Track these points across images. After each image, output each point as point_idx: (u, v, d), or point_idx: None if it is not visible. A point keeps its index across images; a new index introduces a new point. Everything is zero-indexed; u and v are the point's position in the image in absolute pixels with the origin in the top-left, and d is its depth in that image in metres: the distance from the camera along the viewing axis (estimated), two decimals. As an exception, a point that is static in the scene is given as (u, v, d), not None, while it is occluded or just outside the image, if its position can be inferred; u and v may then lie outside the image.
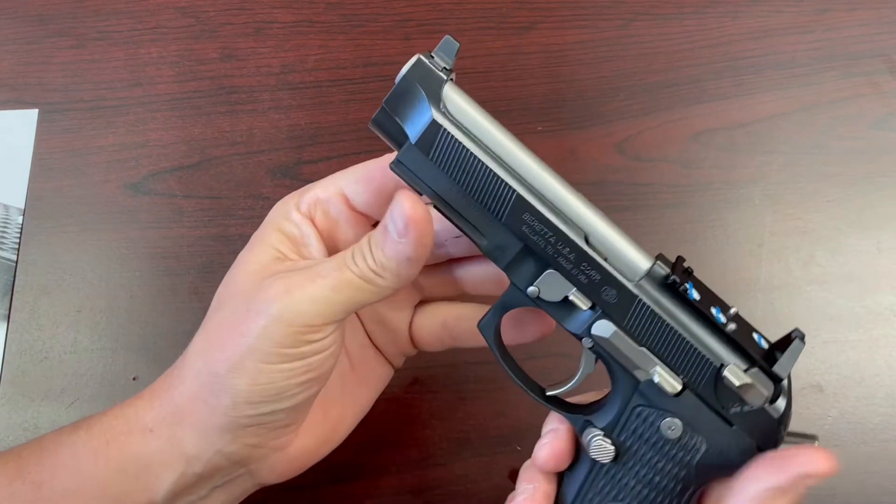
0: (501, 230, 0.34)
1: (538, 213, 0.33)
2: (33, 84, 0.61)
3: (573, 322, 0.35)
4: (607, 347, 0.34)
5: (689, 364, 0.33)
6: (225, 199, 0.57)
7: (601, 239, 0.34)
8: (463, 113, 0.33)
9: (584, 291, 0.34)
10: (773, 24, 0.61)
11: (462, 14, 0.62)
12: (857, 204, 0.56)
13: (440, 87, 0.33)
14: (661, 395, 0.34)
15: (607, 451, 0.35)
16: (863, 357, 0.52)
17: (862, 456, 0.49)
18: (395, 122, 0.34)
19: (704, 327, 0.34)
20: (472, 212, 0.34)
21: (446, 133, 0.33)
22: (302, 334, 0.35)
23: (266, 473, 0.40)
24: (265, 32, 0.62)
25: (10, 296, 0.55)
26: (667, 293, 0.34)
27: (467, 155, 0.33)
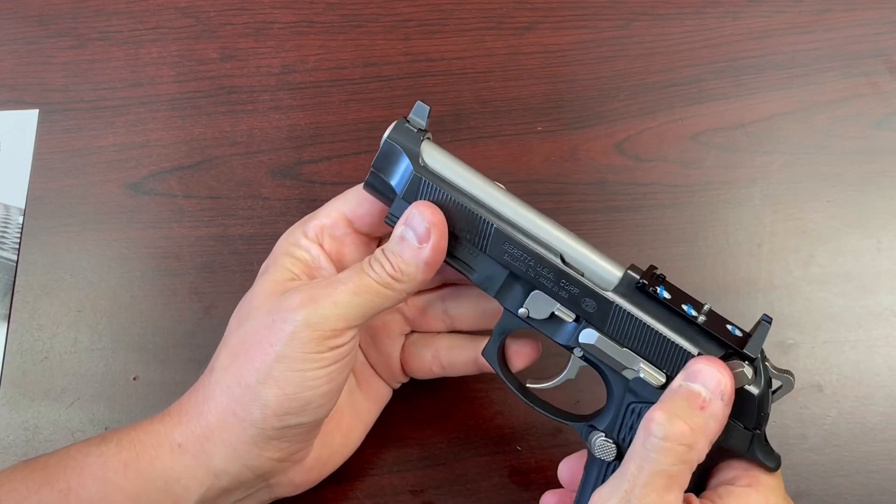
0: (487, 262, 0.39)
1: (516, 241, 0.38)
2: (34, 84, 0.61)
3: (562, 335, 0.39)
4: (595, 353, 0.38)
5: (668, 356, 0.37)
6: (225, 199, 0.57)
7: (575, 257, 0.38)
8: (439, 164, 0.39)
9: (566, 305, 0.38)
10: (773, 24, 0.61)
11: (462, 14, 0.62)
12: (857, 204, 0.56)
13: (417, 145, 0.39)
14: (648, 388, 0.37)
15: (609, 449, 0.38)
16: (862, 357, 0.52)
17: (862, 456, 0.49)
18: (382, 180, 0.39)
19: (678, 322, 0.37)
20: (460, 250, 0.39)
21: (426, 183, 0.38)
22: (327, 339, 0.37)
23: (285, 486, 0.42)
24: (265, 32, 0.62)
25: (10, 296, 0.55)
26: (640, 296, 0.37)
27: (448, 199, 0.38)
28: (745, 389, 0.36)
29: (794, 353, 0.52)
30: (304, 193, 0.57)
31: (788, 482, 0.49)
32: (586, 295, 0.37)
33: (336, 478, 0.48)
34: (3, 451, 0.52)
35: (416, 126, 0.39)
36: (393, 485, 0.50)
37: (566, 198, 0.57)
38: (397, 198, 0.39)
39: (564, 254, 0.38)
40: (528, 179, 0.57)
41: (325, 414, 0.40)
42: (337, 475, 0.48)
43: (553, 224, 0.39)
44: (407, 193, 0.39)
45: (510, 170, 0.57)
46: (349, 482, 0.50)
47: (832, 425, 0.50)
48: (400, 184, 0.39)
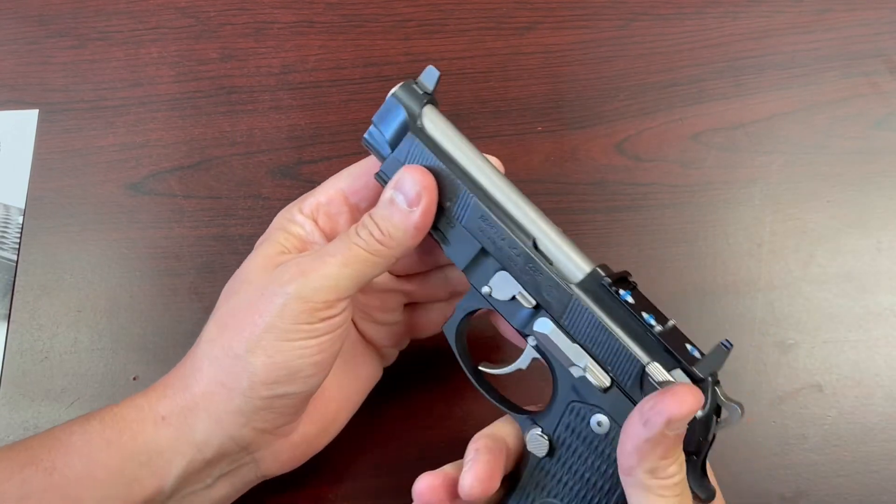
0: (463, 234, 0.39)
1: (491, 218, 0.38)
2: (33, 84, 0.61)
3: (519, 319, 0.38)
4: (547, 344, 0.37)
5: (617, 361, 0.36)
6: (225, 199, 0.57)
7: (548, 245, 0.38)
8: (436, 129, 0.39)
9: (529, 291, 0.38)
10: (773, 24, 0.61)
11: (462, 14, 0.62)
12: (857, 204, 0.56)
13: (419, 107, 0.40)
14: (591, 390, 0.36)
15: (542, 445, 0.37)
16: (862, 357, 0.52)
17: (862, 456, 0.49)
18: (380, 134, 0.40)
19: (635, 329, 0.36)
20: (440, 218, 0.39)
21: (418, 144, 0.39)
22: (317, 310, 0.37)
23: (270, 462, 0.42)
24: (265, 32, 0.62)
25: (10, 296, 0.55)
26: (602, 296, 0.37)
27: (435, 165, 0.39)
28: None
29: (794, 353, 0.52)
30: (304, 193, 0.57)
31: (788, 482, 0.49)
32: (549, 284, 0.37)
33: (336, 478, 0.48)
34: (3, 451, 0.52)
35: (423, 89, 0.40)
36: (393, 485, 0.50)
37: (566, 198, 0.57)
38: (390, 156, 0.40)
39: (538, 240, 0.38)
40: (528, 179, 0.57)
41: (314, 385, 0.39)
42: (337, 475, 0.48)
43: (535, 210, 0.38)
44: (398, 152, 0.39)
45: (510, 170, 0.57)
46: (349, 482, 0.50)
47: (832, 425, 0.50)
48: (395, 142, 0.40)
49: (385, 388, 0.52)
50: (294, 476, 0.51)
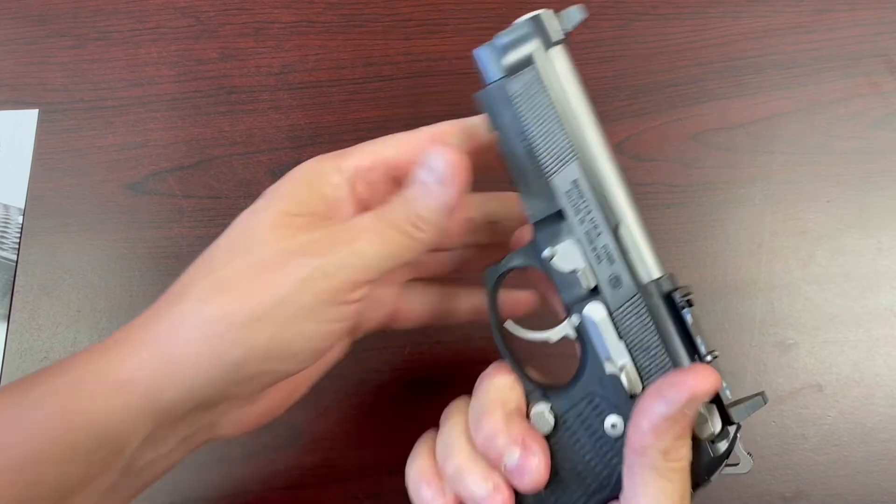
0: (546, 188, 0.36)
1: (584, 186, 0.35)
2: (33, 84, 0.61)
3: (570, 295, 0.36)
4: (590, 330, 0.35)
5: (657, 373, 0.34)
6: (225, 199, 0.57)
7: (628, 234, 0.35)
8: (559, 73, 0.36)
9: (593, 271, 0.35)
10: (773, 24, 0.61)
11: (462, 14, 0.62)
12: (857, 204, 0.56)
13: (550, 44, 0.36)
14: (618, 391, 0.35)
15: (547, 423, 0.36)
16: (862, 357, 0.52)
17: (862, 456, 0.49)
18: (497, 56, 0.36)
19: (684, 349, 0.34)
20: (528, 162, 0.36)
21: (539, 83, 0.35)
22: (342, 291, 0.33)
23: (228, 426, 0.38)
24: (265, 32, 0.62)
25: (10, 296, 0.55)
26: (664, 305, 0.35)
27: (547, 109, 0.35)
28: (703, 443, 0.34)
29: (794, 353, 0.52)
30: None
31: (788, 482, 0.49)
32: (617, 273, 0.35)
33: (336, 478, 0.48)
34: (2, 452, 0.52)
35: (559, 27, 0.36)
36: (393, 485, 0.50)
37: (566, 198, 0.56)
38: (499, 80, 0.36)
39: (622, 224, 0.35)
40: (528, 179, 0.57)
41: (305, 367, 0.36)
42: (337, 475, 0.48)
43: (628, 196, 0.36)
44: (513, 82, 0.36)
45: (510, 170, 0.57)
46: (349, 482, 0.50)
47: (832, 425, 0.50)
48: (512, 70, 0.36)
49: (385, 388, 0.52)
50: (294, 476, 0.51)
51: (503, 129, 0.36)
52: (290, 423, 0.52)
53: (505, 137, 0.36)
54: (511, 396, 0.36)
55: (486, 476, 0.35)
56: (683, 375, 0.31)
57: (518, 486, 0.34)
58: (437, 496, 0.35)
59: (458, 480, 0.35)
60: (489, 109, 0.37)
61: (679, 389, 0.31)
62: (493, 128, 0.37)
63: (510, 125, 0.36)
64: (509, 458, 0.34)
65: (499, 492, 0.34)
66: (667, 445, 0.31)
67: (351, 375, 0.53)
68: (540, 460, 0.34)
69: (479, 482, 0.34)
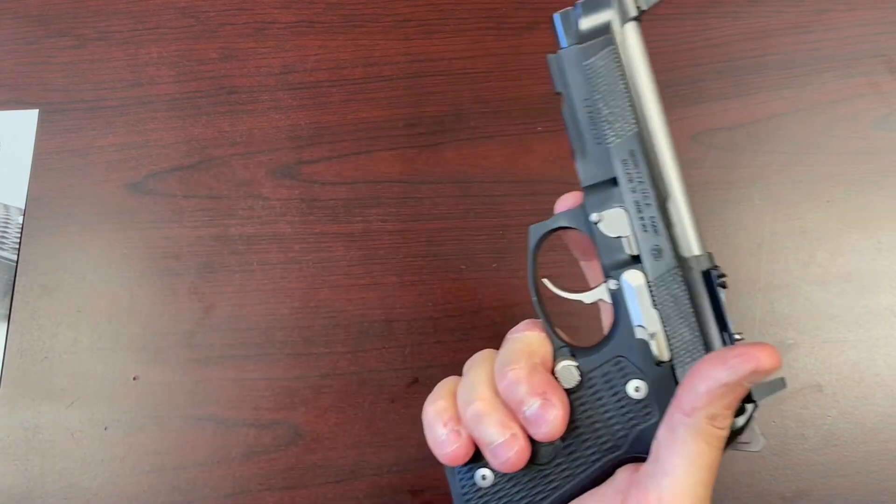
0: (603, 155, 0.37)
1: (640, 157, 0.37)
2: (33, 84, 0.61)
3: (611, 260, 0.37)
4: (627, 296, 0.37)
5: (684, 345, 0.35)
6: (225, 199, 0.57)
7: (675, 209, 0.37)
8: (631, 47, 0.38)
9: (637, 240, 0.37)
10: (773, 24, 0.61)
11: (462, 14, 0.62)
12: (857, 204, 0.56)
13: (627, 17, 0.38)
14: (646, 356, 0.36)
15: (572, 378, 0.36)
16: (862, 357, 0.52)
17: (861, 456, 0.49)
18: (576, 21, 0.38)
19: (715, 325, 0.35)
20: (589, 127, 0.38)
21: (612, 51, 0.37)
22: None
23: None
24: (265, 32, 0.62)
25: (10, 296, 0.55)
26: (701, 281, 0.36)
27: (616, 79, 0.37)
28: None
29: (794, 353, 0.52)
30: (304, 193, 0.57)
31: (788, 482, 0.49)
32: (661, 244, 0.36)
33: (336, 478, 0.48)
34: (3, 451, 0.52)
35: (637, 3, 0.38)
36: (393, 485, 0.50)
37: (566, 198, 0.57)
38: (573, 47, 0.38)
39: (670, 199, 0.37)
40: (528, 179, 0.57)
41: None
42: (337, 475, 0.48)
43: (679, 173, 0.37)
44: (586, 49, 0.37)
45: (510, 170, 0.57)
46: (349, 482, 0.50)
47: (832, 425, 0.50)
48: (586, 37, 0.37)
49: (385, 388, 0.52)
50: (294, 476, 0.51)
51: (570, 92, 0.38)
52: (290, 423, 0.52)
53: (571, 101, 0.38)
54: (538, 350, 0.37)
55: (505, 423, 0.35)
56: (751, 347, 0.31)
57: (535, 434, 0.35)
58: (453, 436, 0.36)
59: (477, 424, 0.35)
60: (559, 72, 0.38)
61: (745, 360, 0.31)
62: (560, 90, 0.38)
63: (578, 89, 0.38)
64: (529, 407, 0.35)
65: (516, 440, 0.35)
66: (716, 411, 0.32)
67: (351, 375, 0.53)
68: (559, 412, 0.35)
69: (497, 428, 0.35)
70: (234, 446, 0.51)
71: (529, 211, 0.56)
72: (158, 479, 0.51)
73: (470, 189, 0.57)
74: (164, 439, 0.52)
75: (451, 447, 0.36)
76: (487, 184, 0.57)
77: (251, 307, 0.55)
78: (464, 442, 0.36)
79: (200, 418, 0.52)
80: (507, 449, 0.35)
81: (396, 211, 0.57)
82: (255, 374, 0.53)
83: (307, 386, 0.53)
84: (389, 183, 0.57)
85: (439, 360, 0.53)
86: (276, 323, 0.54)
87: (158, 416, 0.52)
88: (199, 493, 0.51)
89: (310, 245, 0.56)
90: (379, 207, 0.57)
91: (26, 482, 0.51)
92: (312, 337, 0.54)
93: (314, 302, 0.55)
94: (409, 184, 0.57)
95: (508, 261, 0.55)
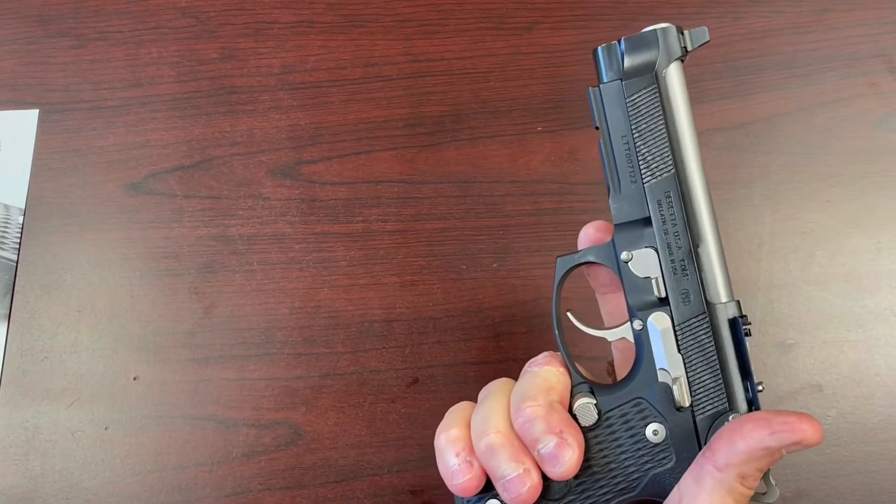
0: (637, 194, 0.37)
1: (676, 199, 0.37)
2: (34, 84, 0.61)
3: (638, 300, 0.37)
4: (652, 337, 0.37)
5: (707, 392, 0.35)
6: (225, 199, 0.57)
7: (706, 254, 0.37)
8: (674, 88, 0.38)
9: (666, 282, 0.37)
10: (773, 24, 0.61)
11: (462, 14, 0.62)
12: (857, 204, 0.56)
13: (672, 58, 0.38)
14: (667, 400, 0.36)
15: (590, 417, 0.36)
16: (862, 357, 0.52)
17: (861, 456, 0.49)
18: (620, 59, 0.38)
19: (739, 374, 0.35)
20: (626, 165, 0.38)
21: (654, 90, 0.37)
22: None
23: None
24: (265, 32, 0.62)
25: (10, 296, 0.55)
26: (728, 329, 0.36)
27: (657, 118, 0.37)
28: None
29: (794, 353, 0.52)
30: (304, 193, 0.57)
31: (788, 482, 0.49)
32: (689, 288, 0.36)
33: (336, 477, 0.48)
34: (3, 451, 0.52)
35: (683, 43, 0.38)
36: (393, 485, 0.50)
37: (566, 198, 0.57)
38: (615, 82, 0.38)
39: (702, 243, 0.37)
40: (528, 179, 0.57)
41: None
42: (337, 475, 0.48)
43: (712, 218, 0.37)
44: (631, 85, 0.37)
45: (510, 170, 0.57)
46: (349, 482, 0.50)
47: (832, 425, 0.50)
48: (629, 74, 0.38)
49: (385, 388, 0.52)
50: (294, 476, 0.51)
51: (609, 128, 0.38)
52: (290, 423, 0.52)
53: (609, 137, 0.38)
54: (557, 387, 0.37)
55: (519, 457, 0.35)
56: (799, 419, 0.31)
57: (549, 473, 0.35)
58: (465, 466, 0.36)
59: (491, 457, 0.35)
60: (599, 106, 0.38)
61: (791, 430, 0.31)
62: (598, 125, 0.38)
63: (617, 126, 0.38)
64: (544, 446, 0.35)
65: (529, 475, 0.35)
66: (749, 472, 0.32)
67: (351, 375, 0.53)
68: (574, 452, 0.35)
69: (511, 462, 0.35)
70: (235, 446, 0.51)
71: (529, 211, 0.56)
72: (159, 479, 0.51)
73: (470, 189, 0.57)
74: (165, 439, 0.52)
75: (462, 478, 0.35)
76: (487, 184, 0.57)
77: (251, 307, 0.55)
78: (476, 473, 0.35)
79: (201, 418, 0.52)
80: (520, 484, 0.35)
81: (396, 211, 0.57)
82: (255, 374, 0.53)
83: (307, 386, 0.53)
84: (389, 183, 0.57)
85: (439, 360, 0.53)
86: (276, 323, 0.54)
87: (158, 416, 0.52)
88: (199, 493, 0.51)
89: (310, 245, 0.56)
90: (379, 207, 0.57)
91: (26, 482, 0.51)
92: (312, 337, 0.54)
93: (314, 302, 0.55)
94: (409, 184, 0.57)
95: (508, 261, 0.55)
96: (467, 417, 0.37)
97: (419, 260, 0.55)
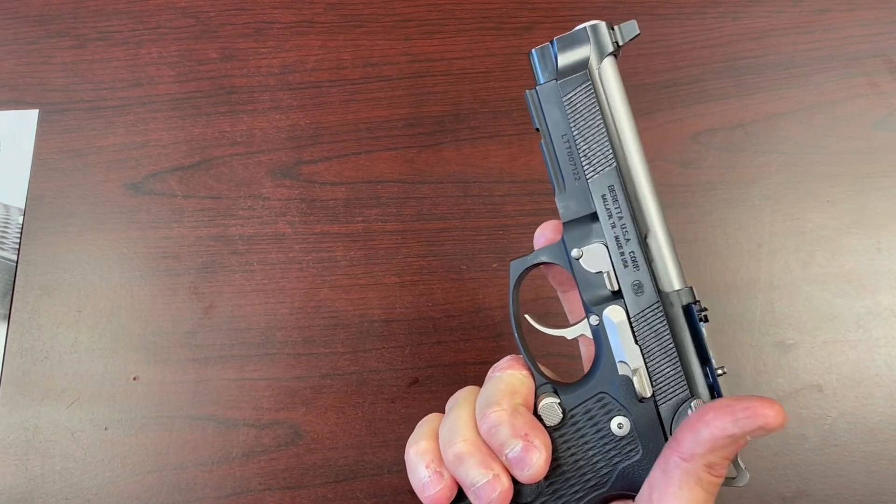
0: (582, 190, 0.38)
1: (619, 192, 0.37)
2: (34, 84, 0.61)
3: (592, 295, 0.37)
4: (608, 332, 0.37)
5: (667, 380, 0.36)
6: (225, 199, 0.57)
7: (656, 244, 0.37)
8: (609, 83, 0.38)
9: (617, 275, 0.37)
10: (773, 24, 0.61)
11: (462, 14, 0.62)
12: (857, 204, 0.56)
13: (604, 53, 0.38)
14: (628, 393, 0.36)
15: (555, 416, 0.36)
16: (862, 357, 0.52)
17: (861, 456, 0.49)
18: (553, 58, 0.38)
19: (697, 361, 0.36)
20: (568, 163, 0.38)
21: (589, 87, 0.38)
22: None
23: None
24: (265, 32, 0.62)
25: (10, 296, 0.55)
26: (683, 316, 0.36)
27: (594, 114, 0.37)
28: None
29: (794, 353, 0.52)
30: (304, 193, 0.57)
31: (788, 482, 0.49)
32: (641, 279, 0.36)
33: (336, 477, 0.48)
34: (3, 451, 0.52)
35: (616, 38, 0.39)
36: (393, 485, 0.50)
37: (566, 198, 0.57)
38: (551, 83, 0.38)
39: (651, 234, 0.37)
40: (528, 179, 0.57)
41: None
42: (337, 475, 0.48)
43: (658, 207, 0.38)
44: (566, 84, 0.38)
45: (510, 170, 0.57)
46: (349, 482, 0.50)
47: (832, 425, 0.50)
48: (564, 73, 0.38)
49: (385, 388, 0.52)
50: (294, 476, 0.51)
51: (548, 128, 0.38)
52: (290, 423, 0.52)
53: (549, 136, 0.38)
54: (520, 390, 0.37)
55: (487, 464, 0.35)
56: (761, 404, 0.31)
57: (518, 476, 0.35)
58: (436, 478, 0.36)
59: (459, 465, 0.35)
60: (537, 108, 0.39)
61: (753, 415, 0.31)
62: (539, 126, 0.38)
63: (556, 125, 0.38)
64: (511, 450, 0.35)
65: (498, 480, 0.35)
66: (715, 461, 0.32)
67: (351, 375, 0.53)
68: (541, 454, 0.35)
69: (480, 469, 0.35)
70: (235, 446, 0.51)
71: (529, 211, 0.56)
72: (159, 479, 0.51)
73: (470, 189, 0.57)
74: (165, 439, 0.52)
75: (433, 489, 0.35)
76: (487, 184, 0.57)
77: (251, 307, 0.55)
78: (447, 483, 0.36)
79: (200, 418, 0.52)
80: (491, 490, 0.35)
81: (396, 211, 0.57)
82: (255, 374, 0.53)
83: (307, 386, 0.53)
84: (389, 183, 0.57)
85: (439, 360, 0.53)
86: (276, 323, 0.54)
87: (158, 416, 0.52)
88: (199, 493, 0.51)
89: (310, 245, 0.56)
90: (379, 207, 0.57)
91: (26, 482, 0.51)
92: (312, 337, 0.54)
93: (314, 302, 0.55)
94: (409, 184, 0.57)
95: (508, 261, 0.55)
96: (435, 429, 0.38)
97: (419, 260, 0.55)
